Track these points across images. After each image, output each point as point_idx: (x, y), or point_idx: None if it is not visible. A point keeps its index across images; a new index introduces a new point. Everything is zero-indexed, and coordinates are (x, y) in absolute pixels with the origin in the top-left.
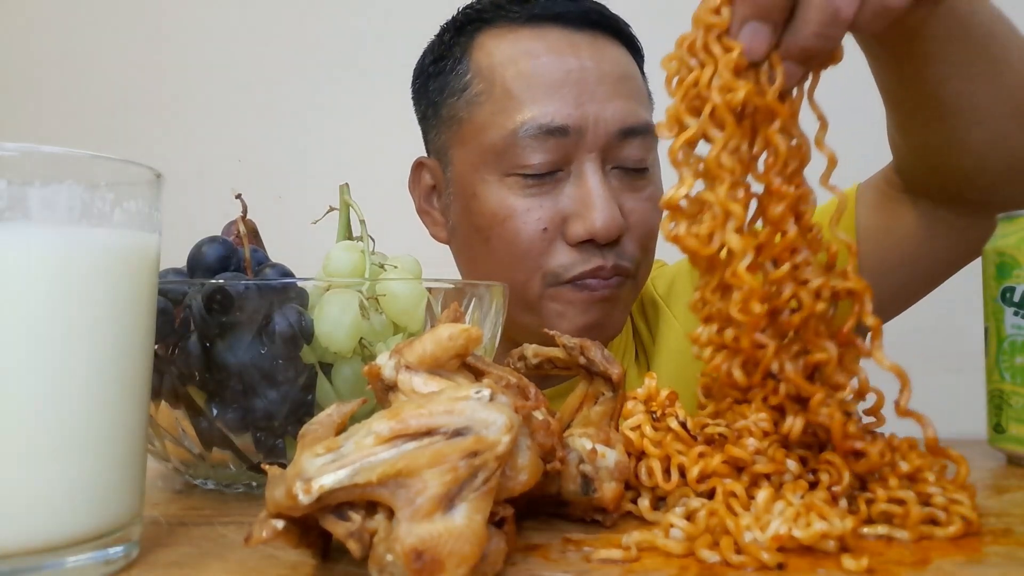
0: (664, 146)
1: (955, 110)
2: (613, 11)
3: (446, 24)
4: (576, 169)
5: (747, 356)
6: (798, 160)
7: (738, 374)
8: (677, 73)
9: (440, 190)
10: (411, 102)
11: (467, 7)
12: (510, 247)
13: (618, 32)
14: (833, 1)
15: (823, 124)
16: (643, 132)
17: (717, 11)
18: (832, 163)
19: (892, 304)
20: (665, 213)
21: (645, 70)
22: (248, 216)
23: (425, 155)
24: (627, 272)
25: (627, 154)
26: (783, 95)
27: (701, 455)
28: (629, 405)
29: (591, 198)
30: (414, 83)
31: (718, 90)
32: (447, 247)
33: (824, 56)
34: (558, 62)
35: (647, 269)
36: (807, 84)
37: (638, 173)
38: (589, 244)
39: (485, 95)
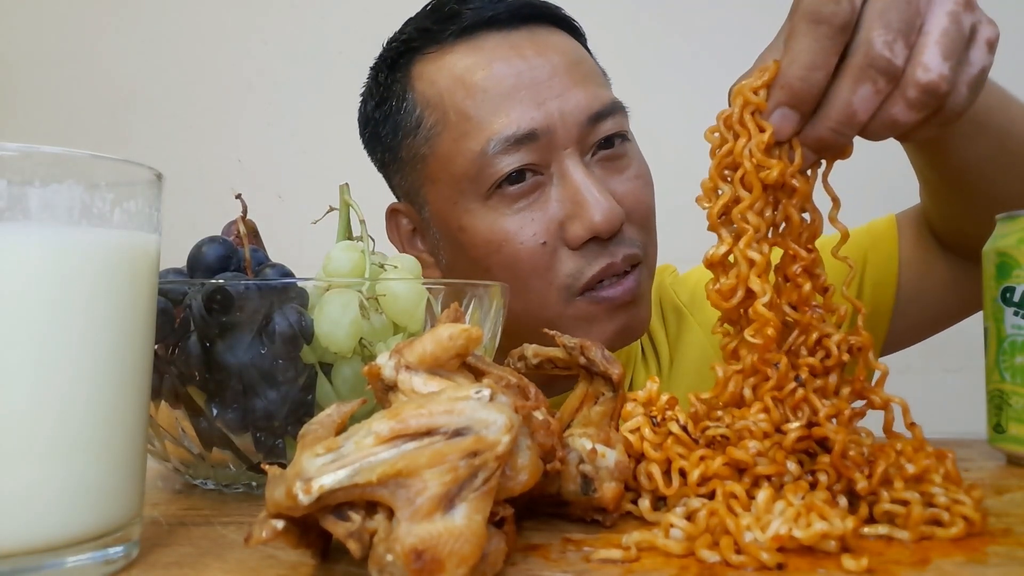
0: (640, 125)
1: (976, 192)
2: None
3: (375, 64)
4: (557, 170)
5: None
6: (810, 232)
7: (748, 393)
8: (720, 145)
9: (421, 232)
10: None
11: (391, 41)
12: (513, 270)
13: (554, 19)
14: (852, 104)
15: (836, 204)
16: (611, 112)
17: (756, 91)
18: (844, 237)
19: (913, 332)
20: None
21: (589, 46)
22: (248, 216)
23: (395, 201)
24: (637, 259)
25: (602, 133)
26: (800, 174)
27: (702, 458)
28: (628, 407)
29: (581, 194)
30: (363, 133)
31: (749, 159)
32: None
33: (837, 149)
34: (505, 68)
35: (654, 248)
36: (822, 168)
37: (619, 155)
38: (592, 244)
39: (441, 125)
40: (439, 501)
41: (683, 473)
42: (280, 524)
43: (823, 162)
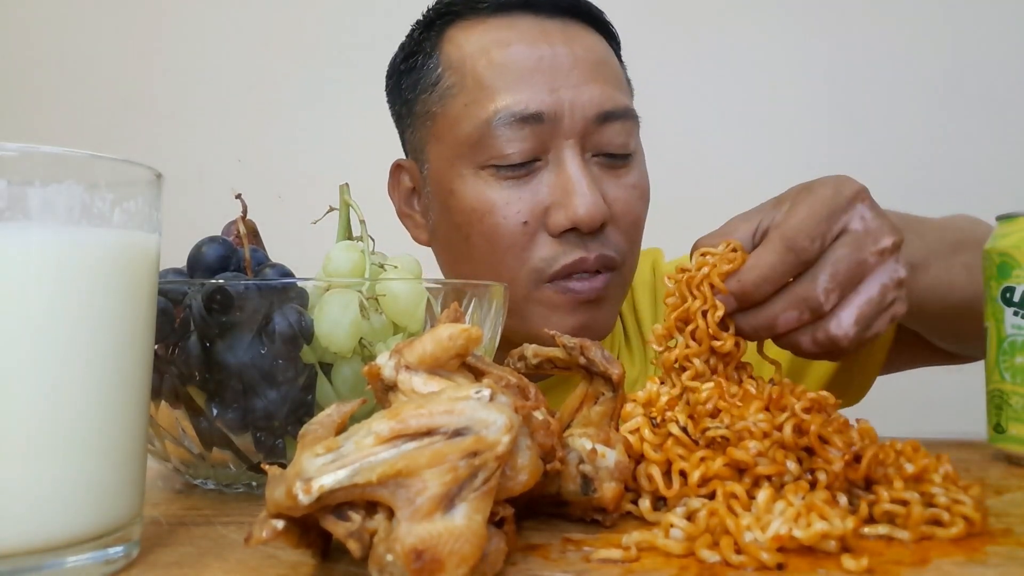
0: (649, 138)
1: (940, 337)
2: None
3: (416, 22)
4: (554, 157)
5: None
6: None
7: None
8: (673, 295)
9: (419, 191)
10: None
11: (436, 3)
12: (491, 243)
13: (591, 18)
14: (776, 319)
15: (778, 367)
16: (622, 116)
17: (723, 278)
18: (777, 369)
19: (898, 364)
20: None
21: (623, 58)
22: (248, 216)
23: (403, 157)
24: (612, 263)
25: (608, 140)
26: (738, 342)
27: (702, 459)
28: (628, 407)
29: (571, 184)
30: (387, 83)
31: (703, 320)
32: None
33: (761, 339)
34: (530, 49)
35: (634, 261)
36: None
37: (621, 159)
38: (572, 235)
39: (457, 87)
40: (439, 501)
41: (683, 474)
42: (280, 524)
43: None
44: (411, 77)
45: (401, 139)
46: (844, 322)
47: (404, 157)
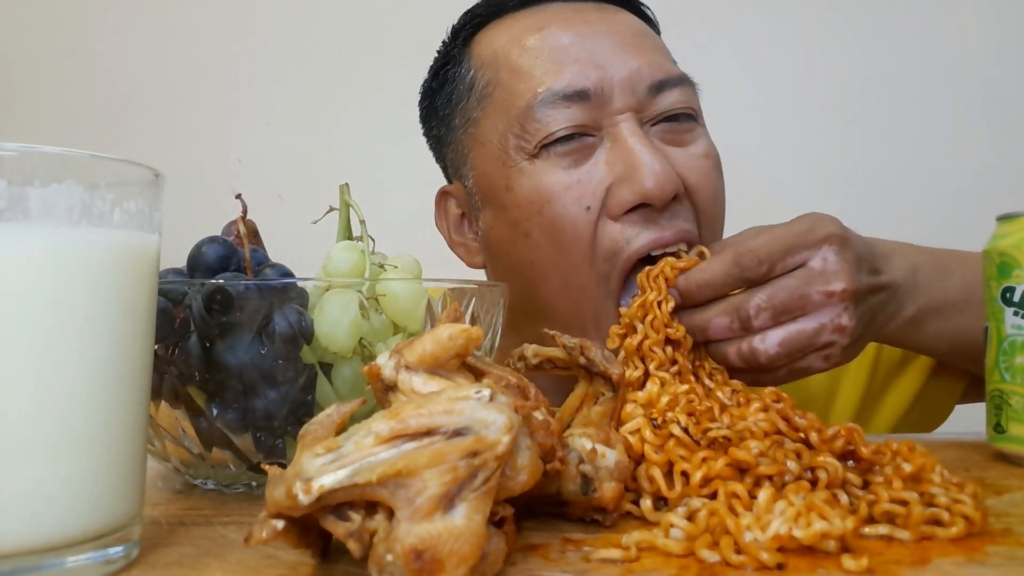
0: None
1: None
2: None
3: (442, 42)
4: (609, 133)
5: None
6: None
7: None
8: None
9: (469, 216)
10: (410, 103)
11: (461, 17)
12: (554, 234)
13: (630, 6)
14: (709, 323)
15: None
16: (679, 82)
17: (676, 268)
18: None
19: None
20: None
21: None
22: (248, 216)
23: (446, 184)
24: (693, 239)
25: (666, 105)
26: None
27: (704, 459)
28: (628, 408)
29: (634, 156)
30: (421, 109)
31: (658, 311)
32: (445, 248)
33: (696, 339)
34: (565, 29)
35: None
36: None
37: (685, 122)
38: (638, 215)
39: (493, 84)
40: (439, 501)
41: (685, 475)
42: (280, 524)
43: None
44: (444, 91)
45: (442, 165)
46: (768, 340)
47: (446, 184)
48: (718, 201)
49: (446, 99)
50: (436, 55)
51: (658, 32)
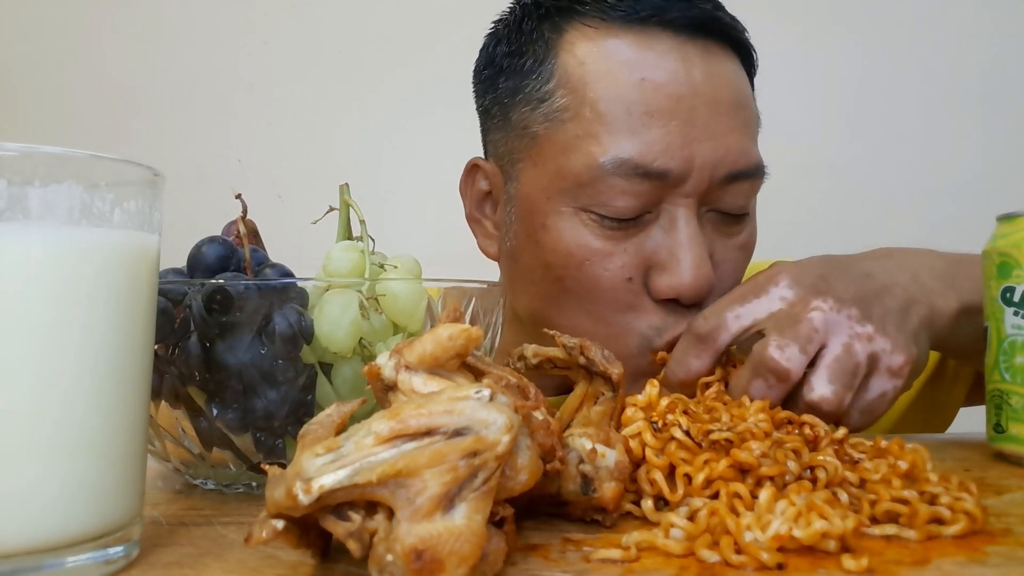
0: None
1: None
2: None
3: (526, 4)
4: (668, 211)
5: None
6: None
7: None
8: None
9: (496, 199)
10: (410, 103)
11: None
12: (590, 295)
13: (734, 42)
14: (749, 394)
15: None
16: (752, 175)
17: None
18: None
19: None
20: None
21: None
22: (248, 216)
23: (481, 156)
24: None
25: (730, 200)
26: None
27: (706, 461)
28: (628, 412)
29: (682, 250)
30: (480, 71)
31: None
32: (445, 248)
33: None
34: (667, 84)
35: None
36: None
37: (736, 219)
38: (673, 303)
39: (571, 112)
40: (439, 501)
41: (687, 477)
42: (280, 524)
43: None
44: (513, 80)
45: (483, 133)
46: (815, 384)
47: (482, 156)
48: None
49: (512, 89)
50: (512, 23)
51: (755, 72)
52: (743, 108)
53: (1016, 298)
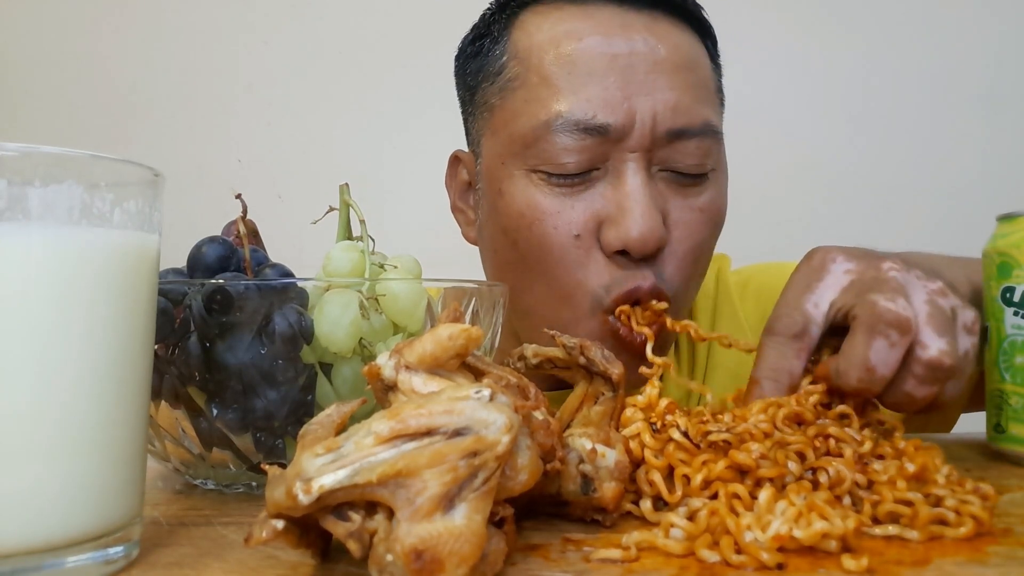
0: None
1: None
2: None
3: (491, 2)
4: (614, 167)
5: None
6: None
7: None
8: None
9: (474, 186)
10: (409, 103)
11: None
12: (541, 253)
13: (683, 12)
14: (869, 360)
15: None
16: (699, 134)
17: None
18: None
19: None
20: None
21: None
22: (248, 216)
23: (464, 149)
24: (664, 297)
25: (680, 159)
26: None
27: (704, 462)
28: (628, 413)
29: (627, 202)
30: (456, 63)
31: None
32: (445, 248)
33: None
34: (604, 45)
35: (690, 294)
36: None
37: (692, 179)
38: (625, 257)
39: (519, 80)
40: (439, 501)
41: (685, 478)
42: (280, 524)
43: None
44: (476, 62)
45: (465, 127)
46: (927, 341)
47: (465, 148)
48: (697, 255)
49: (476, 71)
50: (480, 17)
51: (714, 45)
52: (688, 71)
53: (1016, 298)
